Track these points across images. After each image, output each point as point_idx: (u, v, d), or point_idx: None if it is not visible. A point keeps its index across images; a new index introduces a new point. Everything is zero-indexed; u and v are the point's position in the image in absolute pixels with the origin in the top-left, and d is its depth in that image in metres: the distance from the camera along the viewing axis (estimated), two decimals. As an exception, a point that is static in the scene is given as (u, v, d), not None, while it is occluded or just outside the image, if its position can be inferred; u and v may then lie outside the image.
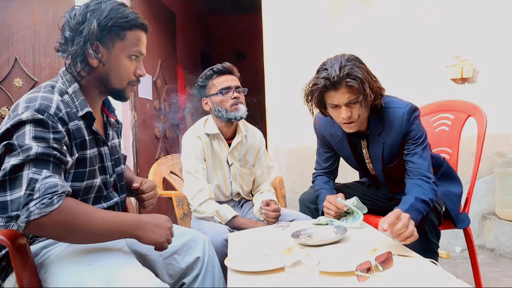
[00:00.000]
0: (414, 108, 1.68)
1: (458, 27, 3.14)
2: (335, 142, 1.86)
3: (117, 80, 1.29)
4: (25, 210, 1.03)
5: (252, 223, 1.94)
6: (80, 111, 1.24)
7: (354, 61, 1.57)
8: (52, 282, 1.16)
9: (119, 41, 1.25)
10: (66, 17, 1.26)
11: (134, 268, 1.18)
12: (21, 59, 3.54)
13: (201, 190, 1.96)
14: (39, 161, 1.09)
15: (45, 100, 1.17)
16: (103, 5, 1.24)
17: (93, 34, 1.21)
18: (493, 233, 2.99)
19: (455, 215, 1.76)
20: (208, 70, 2.05)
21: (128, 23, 1.25)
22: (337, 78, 1.54)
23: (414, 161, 1.64)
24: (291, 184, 3.31)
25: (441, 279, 1.08)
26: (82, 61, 1.24)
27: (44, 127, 1.12)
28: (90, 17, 1.22)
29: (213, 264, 1.47)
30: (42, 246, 1.23)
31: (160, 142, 3.98)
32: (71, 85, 1.26)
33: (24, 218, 1.03)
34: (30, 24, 3.53)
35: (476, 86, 3.13)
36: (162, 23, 4.01)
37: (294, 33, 3.34)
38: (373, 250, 1.24)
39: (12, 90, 3.56)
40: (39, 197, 1.05)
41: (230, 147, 2.08)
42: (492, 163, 3.11)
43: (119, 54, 1.26)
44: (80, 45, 1.22)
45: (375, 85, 1.60)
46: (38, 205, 1.04)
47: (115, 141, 1.44)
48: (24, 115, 1.11)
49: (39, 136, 1.11)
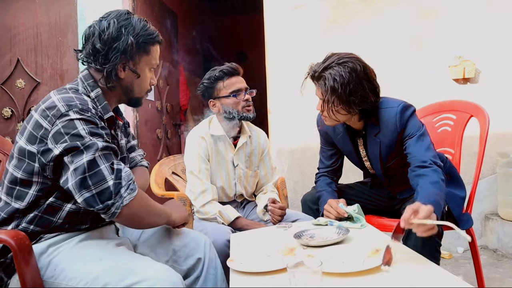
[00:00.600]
0: (406, 106, 1.67)
1: (460, 27, 3.14)
2: (337, 139, 1.86)
3: (139, 90, 1.40)
4: (119, 197, 1.17)
5: (254, 224, 1.94)
6: (104, 115, 1.31)
7: (345, 68, 1.57)
8: (64, 278, 1.18)
9: (145, 55, 1.36)
10: (96, 29, 1.30)
11: (148, 261, 1.22)
12: (24, 60, 3.56)
13: (204, 191, 1.96)
14: (107, 154, 1.20)
15: (81, 100, 1.24)
16: (133, 21, 1.32)
17: (130, 50, 1.30)
18: (496, 234, 2.98)
19: (457, 216, 1.76)
20: (217, 72, 2.01)
21: (153, 39, 1.36)
22: (316, 74, 1.63)
23: (410, 151, 1.64)
24: (293, 184, 3.31)
25: (443, 279, 1.08)
26: (114, 74, 1.31)
27: (93, 124, 1.21)
28: (125, 33, 1.29)
29: (215, 266, 1.47)
30: (48, 244, 1.25)
31: (162, 143, 3.98)
32: (93, 90, 1.33)
33: (119, 204, 1.17)
34: (32, 25, 3.54)
35: (478, 86, 3.12)
36: (163, 24, 4.01)
37: (296, 34, 3.34)
38: (375, 251, 1.24)
39: (15, 91, 3.57)
40: (125, 184, 1.20)
41: (235, 147, 2.08)
42: (494, 164, 3.10)
43: (143, 67, 1.37)
44: (117, 60, 1.29)
45: (346, 97, 1.58)
46: (128, 190, 1.20)
47: (122, 141, 1.48)
48: (72, 114, 1.18)
49: (94, 133, 1.19)
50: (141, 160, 1.62)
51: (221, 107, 2.01)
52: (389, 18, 3.24)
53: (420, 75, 3.18)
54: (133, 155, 1.60)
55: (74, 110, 1.19)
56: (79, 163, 1.15)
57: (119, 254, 1.24)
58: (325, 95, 1.61)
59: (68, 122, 1.17)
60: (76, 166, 1.15)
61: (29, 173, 1.22)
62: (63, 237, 1.27)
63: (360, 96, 1.59)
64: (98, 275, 1.15)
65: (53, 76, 3.54)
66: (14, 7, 3.55)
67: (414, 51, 3.20)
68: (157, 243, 1.45)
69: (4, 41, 3.57)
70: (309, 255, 1.26)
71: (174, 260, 1.44)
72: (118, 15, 1.32)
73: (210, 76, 2.02)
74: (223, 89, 2.00)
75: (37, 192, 1.23)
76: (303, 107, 3.30)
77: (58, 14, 3.51)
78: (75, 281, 1.16)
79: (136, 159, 1.61)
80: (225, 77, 2.00)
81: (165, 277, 1.14)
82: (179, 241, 1.46)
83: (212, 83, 2.02)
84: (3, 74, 3.58)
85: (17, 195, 1.24)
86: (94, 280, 1.14)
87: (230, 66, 2.01)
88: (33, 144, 1.20)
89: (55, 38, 3.52)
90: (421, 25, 3.19)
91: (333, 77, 1.57)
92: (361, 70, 1.59)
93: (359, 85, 1.58)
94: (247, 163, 2.14)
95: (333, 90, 1.57)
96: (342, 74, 1.56)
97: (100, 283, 1.14)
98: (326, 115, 1.67)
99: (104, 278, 1.14)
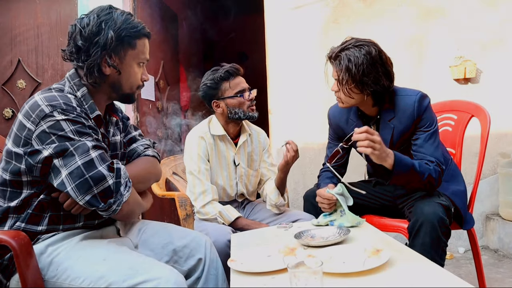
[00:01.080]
0: (424, 95, 1.73)
1: (461, 28, 3.13)
2: (350, 130, 1.86)
3: (128, 86, 1.37)
4: (119, 195, 1.21)
5: (255, 224, 1.94)
6: (90, 114, 1.29)
7: (360, 50, 1.64)
8: (67, 278, 1.18)
9: (131, 49, 1.32)
10: (77, 26, 1.28)
11: (152, 261, 1.22)
12: (24, 60, 3.56)
13: (204, 192, 1.96)
14: (102, 153, 1.21)
15: (65, 99, 1.22)
16: (114, 15, 1.29)
17: (110, 44, 1.27)
18: (497, 234, 2.98)
19: (465, 214, 1.76)
20: (221, 72, 1.98)
21: (138, 32, 1.32)
22: (334, 54, 1.71)
23: (419, 144, 1.71)
24: (293, 184, 3.31)
25: (444, 279, 1.08)
26: (96, 70, 1.29)
27: (80, 123, 1.20)
28: (105, 27, 1.26)
29: (216, 266, 1.47)
30: (47, 244, 1.24)
31: (163, 143, 3.98)
32: (79, 89, 1.31)
33: (120, 201, 1.21)
34: (33, 25, 3.54)
35: (479, 86, 3.12)
36: (164, 24, 4.01)
37: (296, 34, 3.34)
38: (376, 251, 1.24)
39: (16, 92, 3.57)
40: (124, 182, 1.23)
41: (236, 146, 2.08)
42: (495, 164, 3.10)
43: (130, 62, 1.34)
44: (97, 55, 1.27)
45: (360, 78, 1.64)
46: (127, 188, 1.24)
47: (116, 137, 1.46)
48: (57, 115, 1.17)
49: (82, 132, 1.19)
50: (144, 150, 1.53)
51: (226, 108, 2.00)
52: (390, 18, 3.23)
53: (420, 75, 3.17)
54: (133, 146, 1.54)
55: (58, 110, 1.17)
56: (73, 166, 1.15)
57: (122, 254, 1.24)
58: (339, 74, 1.67)
59: (54, 123, 1.16)
60: (71, 170, 1.15)
61: (15, 174, 1.21)
62: (61, 237, 1.26)
63: (373, 78, 1.65)
64: (102, 275, 1.14)
65: (53, 76, 3.54)
66: (14, 7, 3.56)
67: (414, 51, 3.20)
68: (158, 244, 1.45)
69: (5, 42, 3.57)
70: (310, 255, 1.26)
71: (175, 260, 1.43)
72: (99, 10, 1.30)
73: (214, 76, 1.99)
74: (229, 90, 1.99)
75: (29, 191, 1.23)
76: (304, 108, 3.30)
77: (59, 14, 3.51)
78: (79, 280, 1.16)
79: (137, 150, 1.53)
80: (230, 78, 1.99)
81: (170, 277, 1.14)
82: (180, 242, 1.46)
83: (217, 84, 1.99)
84: (4, 74, 3.58)
85: (10, 196, 1.24)
86: (98, 280, 1.14)
87: (234, 66, 2.01)
88: (18, 145, 1.19)
89: (55, 38, 3.52)
90: (421, 25, 3.19)
91: (348, 58, 1.65)
92: (376, 54, 1.66)
93: (372, 67, 1.65)
94: (248, 162, 2.14)
95: (347, 69, 1.65)
96: (357, 55, 1.64)
97: (104, 283, 1.13)
98: (341, 95, 1.72)
99: (108, 278, 1.13)
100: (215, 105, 2.03)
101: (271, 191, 2.02)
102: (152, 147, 1.57)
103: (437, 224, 1.52)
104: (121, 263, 1.18)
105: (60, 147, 1.15)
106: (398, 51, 3.19)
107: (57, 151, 1.15)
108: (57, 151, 1.15)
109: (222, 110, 2.02)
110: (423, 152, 1.69)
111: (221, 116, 2.05)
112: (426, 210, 1.55)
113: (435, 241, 1.52)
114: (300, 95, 3.32)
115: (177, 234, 1.49)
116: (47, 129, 1.16)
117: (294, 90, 3.33)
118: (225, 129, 2.05)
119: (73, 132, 1.17)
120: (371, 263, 1.15)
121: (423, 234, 1.53)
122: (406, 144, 1.77)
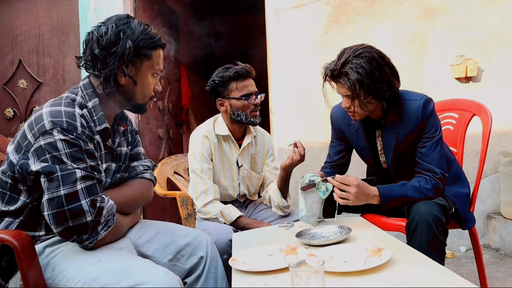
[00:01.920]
0: (428, 99, 1.71)
1: (462, 26, 3.13)
2: (350, 133, 1.86)
3: (141, 96, 1.36)
4: (94, 233, 1.19)
5: (256, 223, 1.94)
6: (98, 126, 1.29)
7: (363, 59, 1.57)
8: (62, 278, 1.18)
9: (147, 60, 1.32)
10: (94, 34, 1.27)
11: (146, 263, 1.22)
12: (26, 60, 3.56)
13: (206, 191, 1.95)
14: (90, 186, 1.18)
15: (70, 117, 1.20)
16: (133, 25, 1.28)
17: (128, 55, 1.26)
18: (498, 233, 2.98)
19: (464, 216, 1.76)
20: (231, 72, 1.95)
21: (155, 43, 1.32)
22: (336, 72, 1.61)
23: (424, 153, 1.69)
24: (295, 184, 3.30)
25: (446, 278, 1.08)
26: (112, 79, 1.28)
27: (77, 146, 1.18)
28: (123, 37, 1.25)
29: (216, 265, 1.47)
30: (44, 245, 1.25)
31: (164, 142, 3.98)
32: (91, 99, 1.30)
33: (93, 239, 1.19)
34: (34, 25, 3.55)
35: (480, 85, 3.11)
36: (165, 24, 4.01)
37: (298, 33, 3.34)
38: (377, 250, 1.24)
39: (17, 92, 3.58)
40: (104, 220, 1.21)
41: (240, 147, 2.07)
42: (497, 163, 3.09)
43: (145, 72, 1.33)
44: (115, 65, 1.26)
45: (375, 86, 1.58)
46: (105, 228, 1.22)
47: (122, 148, 1.45)
48: (55, 134, 1.16)
49: (77, 157, 1.17)
50: (142, 172, 1.51)
51: (229, 108, 1.99)
52: (391, 17, 3.23)
53: (422, 73, 3.17)
54: (135, 164, 1.53)
55: (58, 129, 1.16)
56: (55, 194, 1.14)
57: (118, 256, 1.23)
58: (352, 90, 1.58)
59: (51, 141, 1.16)
60: (52, 197, 1.14)
61: (12, 180, 1.22)
62: (59, 238, 1.26)
63: (386, 81, 1.61)
64: (96, 276, 1.14)
65: (54, 76, 3.54)
66: (15, 7, 3.56)
67: (416, 50, 3.19)
68: (161, 242, 1.45)
69: (6, 42, 3.58)
70: (311, 254, 1.26)
71: (177, 259, 1.44)
72: (117, 19, 1.29)
73: (224, 75, 1.96)
74: (235, 91, 1.97)
75: (25, 199, 1.24)
76: (305, 107, 3.29)
77: (60, 14, 3.52)
78: (74, 281, 1.16)
79: (137, 169, 1.51)
80: (239, 79, 1.96)
81: (163, 280, 1.14)
82: (182, 240, 1.46)
83: (225, 82, 1.97)
84: (5, 74, 3.59)
85: (8, 200, 1.25)
86: (92, 281, 1.14)
87: (245, 68, 1.97)
88: (18, 153, 1.20)
89: (56, 38, 3.53)
90: (423, 24, 3.19)
91: (356, 70, 1.56)
92: (379, 57, 1.60)
93: (381, 71, 1.59)
94: (251, 164, 2.14)
95: (360, 82, 1.56)
96: (363, 65, 1.56)
97: (98, 284, 1.13)
98: (357, 111, 1.65)
99: (102, 280, 1.13)
100: (219, 103, 2.02)
101: (273, 192, 2.01)
102: (151, 170, 1.56)
103: (432, 223, 1.52)
104: (115, 265, 1.17)
105: (48, 168, 1.14)
106: (399, 50, 3.19)
107: (44, 171, 1.15)
108: (44, 171, 1.15)
109: (226, 109, 2.01)
110: (428, 162, 1.68)
111: (225, 115, 2.04)
112: (422, 209, 1.56)
113: (432, 240, 1.52)
114: (301, 94, 3.31)
115: (179, 233, 1.49)
116: (44, 145, 1.16)
117: (295, 89, 3.32)
118: (230, 129, 2.04)
119: (67, 155, 1.16)
120: (373, 262, 1.15)
121: (420, 233, 1.53)
122: (410, 149, 1.75)
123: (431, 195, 1.64)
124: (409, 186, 1.65)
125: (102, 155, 1.32)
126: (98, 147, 1.30)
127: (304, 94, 3.30)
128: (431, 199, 1.63)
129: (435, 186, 1.65)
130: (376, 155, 1.85)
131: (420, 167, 1.70)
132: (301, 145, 1.86)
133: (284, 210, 2.01)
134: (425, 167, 1.68)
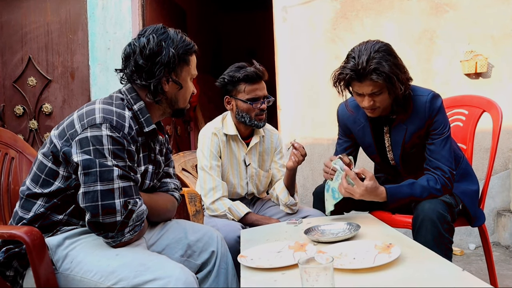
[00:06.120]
0: (436, 95, 1.70)
1: (471, 22, 3.09)
2: (357, 130, 1.85)
3: (183, 100, 1.43)
4: (120, 234, 1.21)
5: (265, 219, 1.94)
6: (146, 127, 1.34)
7: (384, 52, 1.57)
8: (79, 270, 1.20)
9: (186, 66, 1.38)
10: (136, 46, 1.32)
11: (163, 259, 1.23)
12: (35, 58, 3.59)
13: (214, 188, 1.96)
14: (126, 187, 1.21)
15: (120, 117, 1.26)
16: (170, 34, 1.34)
17: (173, 62, 1.31)
18: (508, 230, 2.95)
19: (474, 213, 1.75)
20: (241, 74, 1.93)
21: (191, 49, 1.38)
22: (363, 71, 1.55)
23: (433, 150, 1.68)
24: (302, 180, 3.30)
25: (456, 276, 1.07)
26: (160, 87, 1.33)
27: (121, 145, 1.22)
28: (165, 46, 1.31)
29: (226, 261, 1.48)
30: (65, 236, 1.27)
31: (172, 139, 4.00)
32: (136, 102, 1.35)
33: (117, 239, 1.22)
34: (43, 23, 3.58)
35: (490, 81, 3.08)
36: (172, 21, 4.02)
37: (305, 29, 3.32)
38: (386, 247, 1.23)
39: (26, 89, 3.61)
40: (132, 224, 1.23)
41: (248, 146, 2.07)
42: (507, 159, 3.06)
43: (186, 77, 1.39)
44: (161, 74, 1.31)
45: (403, 77, 1.60)
46: (131, 232, 1.24)
47: (158, 156, 1.48)
48: (103, 128, 1.20)
49: (118, 155, 1.21)
50: (173, 190, 1.55)
51: (235, 108, 1.99)
52: (399, 12, 3.20)
53: (431, 69, 3.14)
54: (167, 180, 1.56)
55: (107, 125, 1.21)
56: (91, 189, 1.18)
57: (135, 251, 1.25)
58: (387, 82, 1.56)
59: (98, 134, 1.20)
60: (87, 190, 1.18)
61: (55, 164, 1.26)
62: (80, 231, 1.29)
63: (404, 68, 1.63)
64: (114, 270, 1.16)
65: (63, 73, 3.57)
66: (25, 5, 3.59)
67: (424, 45, 3.17)
68: (172, 238, 1.46)
69: (16, 40, 3.61)
70: (320, 251, 1.26)
71: (189, 254, 1.45)
72: (155, 30, 1.34)
73: (234, 75, 1.94)
74: (242, 93, 1.96)
75: (60, 185, 1.27)
76: (313, 103, 3.28)
77: (68, 12, 3.54)
78: (91, 274, 1.18)
79: (168, 186, 1.55)
80: (248, 81, 1.94)
81: (180, 276, 1.15)
82: (193, 236, 1.47)
83: (234, 82, 1.96)
84: (15, 72, 3.62)
85: (42, 184, 1.28)
86: (109, 274, 1.16)
87: (256, 71, 1.94)
88: (61, 139, 1.24)
89: (65, 36, 3.55)
90: (431, 19, 3.16)
91: (386, 64, 1.55)
92: (390, 48, 1.62)
93: (399, 60, 1.62)
94: (259, 162, 2.13)
95: (393, 73, 1.56)
96: (387, 58, 1.56)
97: (114, 278, 1.15)
98: (382, 104, 1.64)
99: (119, 273, 1.15)
100: (226, 100, 2.02)
101: (280, 191, 2.01)
102: (178, 190, 1.60)
103: (437, 220, 1.51)
104: (133, 259, 1.19)
105: (88, 162, 1.18)
106: (407, 46, 3.16)
107: (84, 164, 1.18)
108: (83, 164, 1.18)
109: (232, 108, 2.01)
110: (438, 159, 1.67)
111: (232, 113, 2.04)
112: (426, 206, 1.55)
113: (438, 238, 1.51)
114: (309, 90, 3.31)
115: (191, 229, 1.51)
116: (90, 137, 1.20)
117: (303, 86, 3.31)
118: (238, 128, 2.04)
119: (110, 151, 1.20)
120: (382, 259, 1.15)
121: (425, 231, 1.52)
122: (418, 145, 1.74)
123: (439, 195, 1.63)
124: (418, 186, 1.64)
125: (141, 157, 1.36)
126: (140, 149, 1.35)
127: (312, 90, 3.29)
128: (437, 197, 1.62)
129: (444, 186, 1.64)
130: (383, 152, 1.84)
131: (429, 164, 1.69)
132: (300, 145, 1.89)
133: (292, 208, 2.01)
134: (434, 164, 1.67)
